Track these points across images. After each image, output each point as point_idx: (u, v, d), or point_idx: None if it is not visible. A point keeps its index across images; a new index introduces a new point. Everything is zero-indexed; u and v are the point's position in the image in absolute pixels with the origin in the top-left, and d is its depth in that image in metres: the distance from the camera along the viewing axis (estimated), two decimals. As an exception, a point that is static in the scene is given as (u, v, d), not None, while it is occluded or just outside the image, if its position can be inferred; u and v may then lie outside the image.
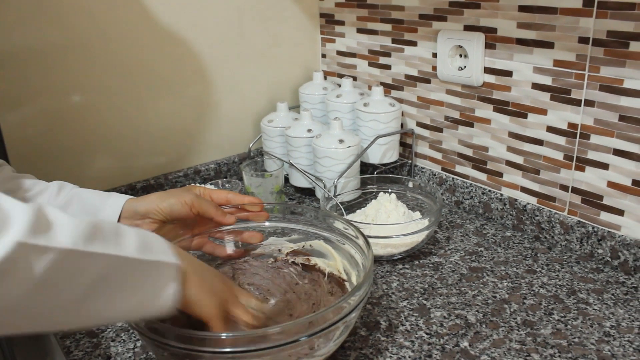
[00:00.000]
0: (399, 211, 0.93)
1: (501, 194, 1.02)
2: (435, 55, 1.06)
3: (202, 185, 0.91)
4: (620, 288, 0.82)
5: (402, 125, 1.17)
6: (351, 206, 1.03)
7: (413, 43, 1.10)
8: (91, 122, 1.05)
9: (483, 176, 1.05)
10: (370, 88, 1.20)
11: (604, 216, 0.88)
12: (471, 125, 1.04)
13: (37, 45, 0.96)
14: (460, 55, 1.02)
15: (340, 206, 0.99)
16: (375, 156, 1.12)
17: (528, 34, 0.91)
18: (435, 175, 1.13)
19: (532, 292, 0.82)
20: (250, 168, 1.10)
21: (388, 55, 1.17)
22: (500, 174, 1.02)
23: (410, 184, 1.03)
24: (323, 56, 1.33)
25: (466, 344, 0.71)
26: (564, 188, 0.93)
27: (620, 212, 0.86)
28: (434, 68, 1.07)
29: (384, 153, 1.12)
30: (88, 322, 0.53)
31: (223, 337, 0.58)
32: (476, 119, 1.03)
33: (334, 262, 0.79)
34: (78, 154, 1.05)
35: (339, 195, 1.03)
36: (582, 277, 0.85)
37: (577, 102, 0.87)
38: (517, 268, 0.88)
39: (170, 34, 1.10)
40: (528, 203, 0.98)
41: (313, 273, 0.80)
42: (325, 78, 1.28)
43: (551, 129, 0.92)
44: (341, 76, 1.29)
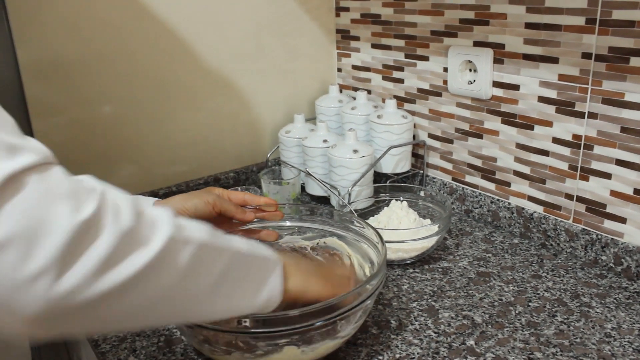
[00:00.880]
0: (410, 218, 0.97)
1: (509, 203, 1.05)
2: (446, 69, 1.10)
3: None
4: (622, 293, 0.85)
5: (414, 136, 1.21)
6: (364, 213, 1.06)
7: (425, 58, 1.14)
8: (117, 132, 1.10)
9: (492, 186, 1.09)
10: (384, 101, 1.24)
11: (608, 224, 0.91)
12: (480, 136, 1.08)
13: (69, 58, 1.02)
14: (470, 69, 1.06)
15: (354, 213, 1.02)
16: (388, 166, 1.16)
17: (534, 50, 0.95)
18: (445, 185, 1.17)
19: (537, 296, 0.85)
20: (268, 176, 1.14)
21: (401, 69, 1.20)
22: (508, 184, 1.06)
23: (421, 193, 1.07)
24: (339, 70, 1.37)
25: (472, 343, 0.75)
26: (569, 197, 0.96)
27: (622, 220, 0.89)
28: (445, 82, 1.11)
29: (397, 163, 1.16)
30: (212, 315, 0.56)
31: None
32: (485, 131, 1.07)
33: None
34: (104, 161, 1.10)
35: (353, 202, 1.06)
36: (586, 282, 0.88)
37: (581, 115, 0.91)
38: (523, 273, 0.91)
39: (192, 49, 1.15)
40: (535, 211, 1.01)
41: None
42: (340, 91, 1.31)
43: (556, 140, 0.96)
44: (356, 89, 1.32)
